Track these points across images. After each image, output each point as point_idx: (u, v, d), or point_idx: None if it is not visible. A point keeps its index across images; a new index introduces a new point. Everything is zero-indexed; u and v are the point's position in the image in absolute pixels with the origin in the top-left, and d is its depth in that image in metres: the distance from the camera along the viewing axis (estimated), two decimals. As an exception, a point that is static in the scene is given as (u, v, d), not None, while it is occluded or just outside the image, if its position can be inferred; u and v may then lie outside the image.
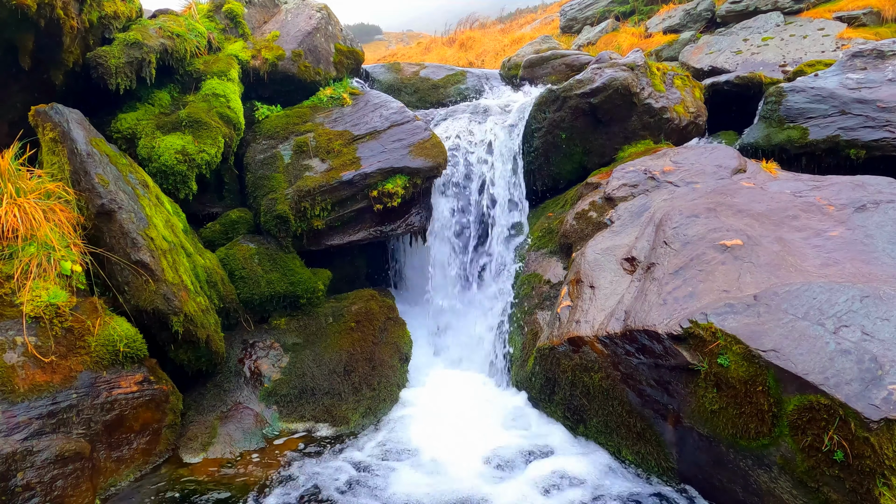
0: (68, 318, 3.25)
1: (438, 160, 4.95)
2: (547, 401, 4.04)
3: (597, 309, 3.72)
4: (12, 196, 3.38)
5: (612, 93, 5.27)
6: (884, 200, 3.67)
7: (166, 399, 3.59)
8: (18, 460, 2.76)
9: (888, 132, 4.70)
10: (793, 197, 3.97)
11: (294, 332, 4.49)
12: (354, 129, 5.20)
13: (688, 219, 3.76)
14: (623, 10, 12.87)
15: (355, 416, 4.13)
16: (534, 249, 5.10)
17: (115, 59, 4.27)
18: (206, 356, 3.87)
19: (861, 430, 2.41)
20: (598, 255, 4.11)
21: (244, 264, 4.48)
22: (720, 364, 2.88)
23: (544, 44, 10.69)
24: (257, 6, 6.05)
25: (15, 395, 2.91)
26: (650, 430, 3.36)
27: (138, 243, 3.53)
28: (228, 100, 4.84)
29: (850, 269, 3.14)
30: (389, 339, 4.66)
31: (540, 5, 22.39)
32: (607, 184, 4.86)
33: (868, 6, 8.70)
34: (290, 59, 5.50)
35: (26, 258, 3.26)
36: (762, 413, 2.76)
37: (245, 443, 3.81)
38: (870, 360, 2.54)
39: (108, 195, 3.56)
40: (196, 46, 5.00)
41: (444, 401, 4.36)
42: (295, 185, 4.71)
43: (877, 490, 2.41)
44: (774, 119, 5.28)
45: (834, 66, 5.61)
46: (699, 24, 10.45)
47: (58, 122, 3.68)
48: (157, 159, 4.36)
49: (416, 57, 15.22)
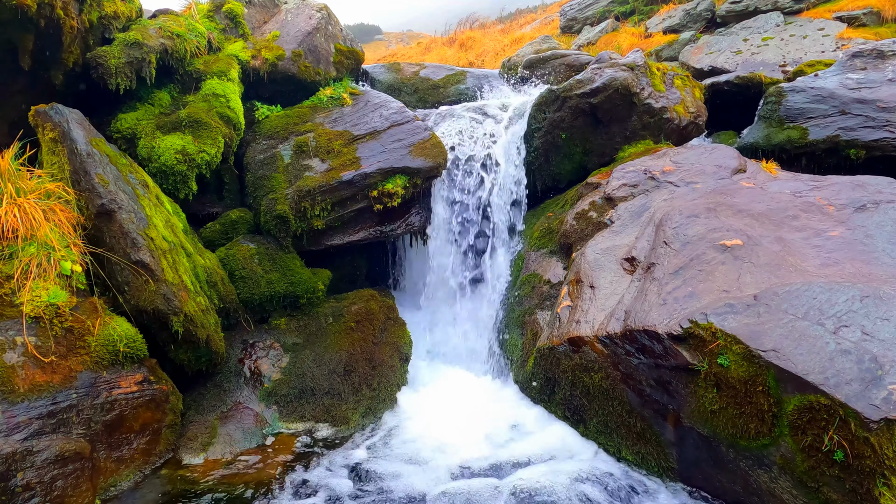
0: (68, 318, 3.25)
1: (438, 160, 4.95)
2: (547, 401, 4.04)
3: (597, 309, 3.72)
4: (12, 196, 3.38)
5: (612, 93, 5.27)
6: (884, 200, 3.67)
7: (166, 399, 3.59)
8: (18, 460, 2.76)
9: (888, 132, 4.70)
10: (793, 197, 3.97)
11: (294, 332, 4.49)
12: (354, 129, 5.20)
13: (688, 219, 3.76)
14: (623, 10, 12.88)
15: (355, 416, 4.13)
16: (534, 249, 5.10)
17: (115, 59, 4.27)
18: (206, 356, 3.87)
19: (861, 430, 2.41)
20: (598, 255, 4.11)
21: (244, 264, 4.48)
22: (720, 364, 2.88)
23: (544, 44, 10.69)
24: (257, 6, 6.05)
25: (15, 395, 2.91)
26: (650, 430, 3.36)
27: (138, 243, 3.53)
28: (228, 100, 4.84)
29: (850, 269, 3.15)
30: (389, 339, 4.66)
31: (540, 5, 22.40)
32: (607, 184, 4.86)
33: (868, 6, 8.71)
34: (290, 59, 5.50)
35: (26, 258, 3.26)
36: (762, 413, 2.76)
37: (245, 443, 3.81)
38: (870, 360, 2.54)
39: (108, 195, 3.56)
40: (196, 46, 5.00)
41: (443, 401, 4.36)
42: (295, 185, 4.71)
43: (877, 490, 2.41)
44: (774, 119, 5.28)
45: (834, 66, 5.61)
46: (699, 24, 10.46)
47: (58, 122, 3.68)
48: (157, 159, 4.36)
49: (416, 57, 15.22)
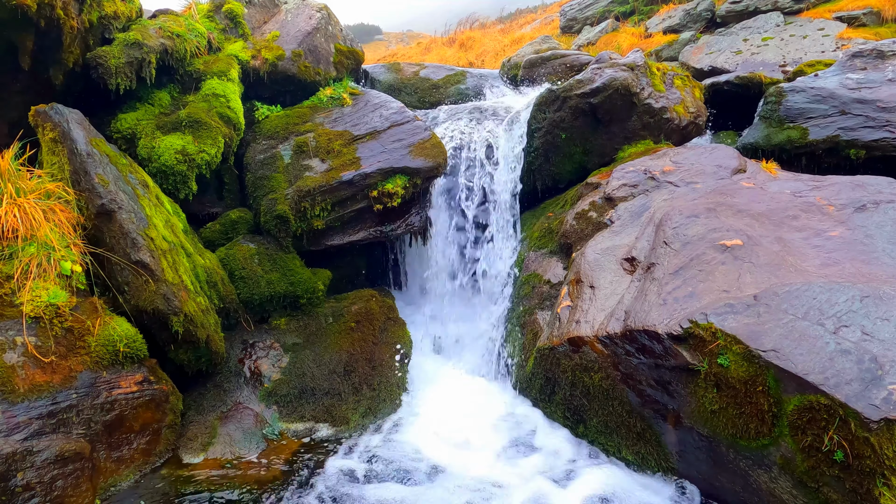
0: (68, 318, 3.25)
1: (438, 160, 4.95)
2: (547, 401, 4.04)
3: (597, 309, 3.72)
4: (12, 196, 3.38)
5: (612, 93, 5.27)
6: (884, 200, 3.67)
7: (166, 399, 3.59)
8: (18, 460, 2.76)
9: (888, 132, 4.70)
10: (793, 197, 3.97)
11: (294, 332, 4.49)
12: (354, 129, 5.20)
13: (688, 219, 3.76)
14: (623, 10, 12.87)
15: (355, 416, 4.13)
16: (534, 249, 5.10)
17: (115, 59, 4.27)
18: (206, 356, 3.87)
19: (861, 430, 2.41)
20: (598, 256, 4.11)
21: (244, 264, 4.48)
22: (720, 364, 2.88)
23: (544, 44, 10.68)
24: (257, 6, 6.05)
25: (15, 396, 2.91)
26: (650, 430, 3.36)
27: (138, 243, 3.53)
28: (228, 100, 4.84)
29: (850, 269, 3.14)
30: (389, 339, 4.66)
31: (540, 5, 22.40)
32: (607, 184, 4.86)
33: (868, 6, 8.71)
34: (290, 60, 5.50)
35: (26, 258, 3.26)
36: (762, 413, 2.76)
37: (245, 443, 3.80)
38: (870, 360, 2.54)
39: (108, 195, 3.56)
40: (196, 46, 5.00)
41: (443, 401, 4.36)
42: (295, 186, 4.71)
43: (877, 490, 2.41)
44: (774, 119, 5.28)
45: (834, 66, 5.61)
46: (699, 25, 10.45)
47: (58, 122, 3.68)
48: (157, 159, 4.36)
49: (416, 57, 15.22)
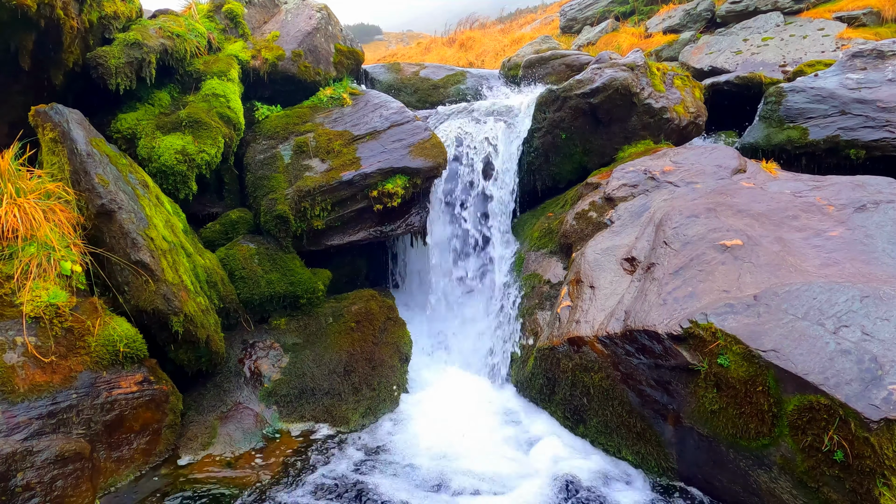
0: (68, 318, 3.25)
1: (438, 160, 4.95)
2: (547, 401, 4.04)
3: (597, 309, 3.72)
4: (12, 196, 3.38)
5: (612, 93, 5.27)
6: (884, 200, 3.67)
7: (166, 399, 3.59)
8: (18, 460, 2.76)
9: (888, 132, 4.70)
10: (793, 197, 3.97)
11: (294, 332, 4.49)
12: (354, 129, 5.20)
13: (688, 219, 3.76)
14: (623, 10, 12.87)
15: (355, 416, 4.13)
16: (534, 249, 5.10)
17: (115, 59, 4.27)
18: (206, 356, 3.87)
19: (861, 430, 2.41)
20: (598, 256, 4.11)
21: (244, 264, 4.48)
22: (720, 364, 2.88)
23: (544, 44, 10.68)
24: (257, 6, 6.05)
25: (15, 396, 2.91)
26: (650, 430, 3.36)
27: (138, 243, 3.53)
28: (228, 100, 4.84)
29: (850, 269, 3.14)
30: (389, 339, 4.66)
31: (540, 5, 22.39)
32: (607, 184, 4.86)
33: (868, 6, 8.71)
34: (290, 60, 5.50)
35: (26, 258, 3.26)
36: (762, 413, 2.76)
37: (245, 443, 3.80)
38: (870, 360, 2.54)
39: (108, 195, 3.56)
40: (196, 46, 5.00)
41: (443, 401, 4.36)
42: (295, 186, 4.71)
43: (877, 490, 2.41)
44: (774, 119, 5.28)
45: (834, 66, 5.61)
46: (699, 25, 10.45)
47: (58, 122, 3.68)
48: (157, 159, 4.36)
49: (416, 57, 15.21)
